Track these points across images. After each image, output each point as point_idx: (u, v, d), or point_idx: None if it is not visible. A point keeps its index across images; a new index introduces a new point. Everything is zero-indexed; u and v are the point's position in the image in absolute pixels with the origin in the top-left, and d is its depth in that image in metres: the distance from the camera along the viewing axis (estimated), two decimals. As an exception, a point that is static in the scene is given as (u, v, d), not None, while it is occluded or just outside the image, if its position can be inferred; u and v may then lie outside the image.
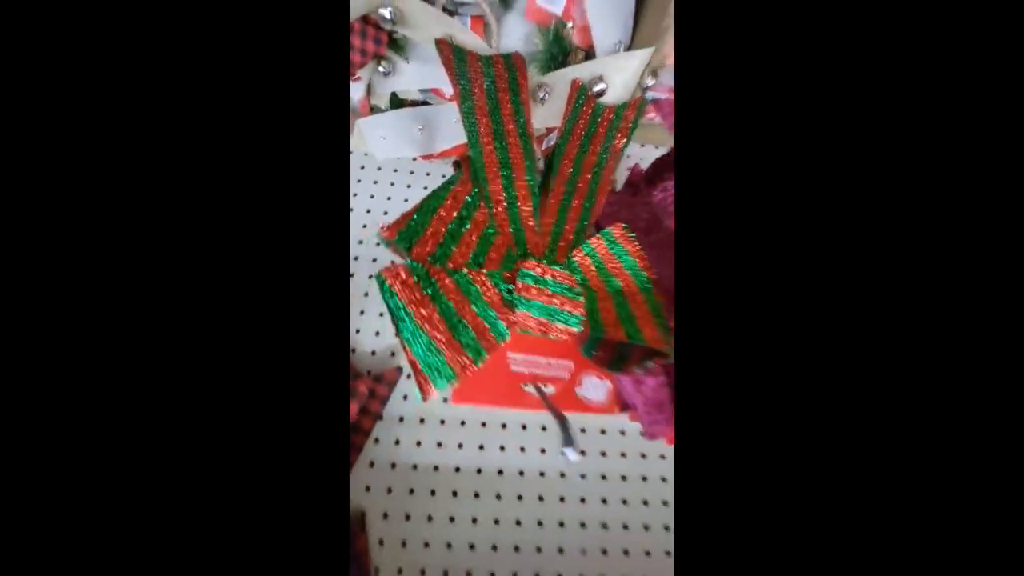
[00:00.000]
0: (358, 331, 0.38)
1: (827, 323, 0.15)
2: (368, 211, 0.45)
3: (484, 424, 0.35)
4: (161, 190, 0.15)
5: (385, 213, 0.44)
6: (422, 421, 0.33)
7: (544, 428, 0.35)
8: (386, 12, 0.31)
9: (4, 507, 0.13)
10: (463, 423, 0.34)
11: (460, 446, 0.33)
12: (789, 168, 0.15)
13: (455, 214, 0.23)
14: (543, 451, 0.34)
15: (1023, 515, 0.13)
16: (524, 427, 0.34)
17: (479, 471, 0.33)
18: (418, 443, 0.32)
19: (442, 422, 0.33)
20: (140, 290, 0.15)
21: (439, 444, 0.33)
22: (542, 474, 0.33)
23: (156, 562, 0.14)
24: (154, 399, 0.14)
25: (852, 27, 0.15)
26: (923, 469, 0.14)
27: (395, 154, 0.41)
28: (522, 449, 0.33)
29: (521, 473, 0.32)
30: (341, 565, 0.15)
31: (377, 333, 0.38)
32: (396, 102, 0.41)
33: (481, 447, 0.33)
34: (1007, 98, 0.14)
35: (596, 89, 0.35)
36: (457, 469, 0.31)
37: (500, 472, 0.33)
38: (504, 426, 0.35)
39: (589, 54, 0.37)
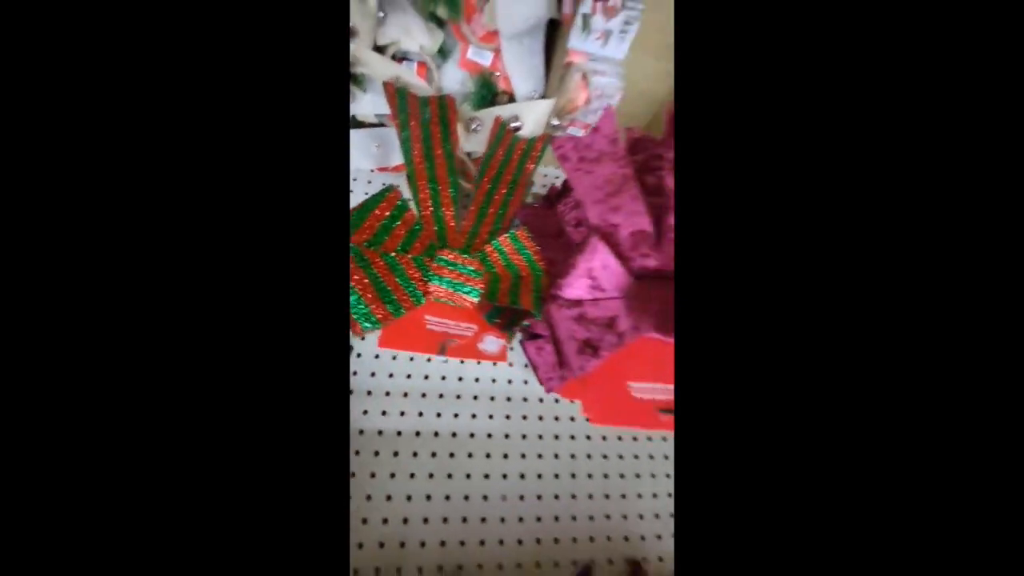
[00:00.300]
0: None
1: (818, 318, 0.15)
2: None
3: (441, 395, 0.42)
4: (160, 191, 0.15)
5: (344, 215, 0.52)
6: (387, 394, 0.40)
7: (476, 397, 0.43)
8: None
9: (4, 507, 0.13)
10: (423, 395, 0.41)
11: (420, 414, 0.40)
12: (786, 168, 0.16)
13: (388, 213, 0.31)
14: (473, 416, 0.42)
15: (1019, 514, 0.13)
16: (459, 396, 0.42)
17: (436, 434, 0.40)
18: (383, 412, 0.39)
19: (405, 395, 0.40)
20: (133, 275, 0.14)
21: (402, 413, 0.39)
22: (489, 435, 0.41)
23: (156, 562, 0.14)
24: (153, 396, 0.14)
25: (849, 28, 0.15)
26: (917, 464, 0.14)
27: (356, 165, 0.49)
28: (473, 415, 0.41)
29: (472, 435, 0.40)
30: (341, 564, 0.15)
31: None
32: (355, 123, 0.49)
33: (438, 414, 0.41)
34: (1002, 98, 0.14)
35: (513, 125, 0.45)
36: (417, 433, 0.38)
37: (453, 435, 0.41)
38: (441, 396, 0.43)
39: (512, 97, 0.48)
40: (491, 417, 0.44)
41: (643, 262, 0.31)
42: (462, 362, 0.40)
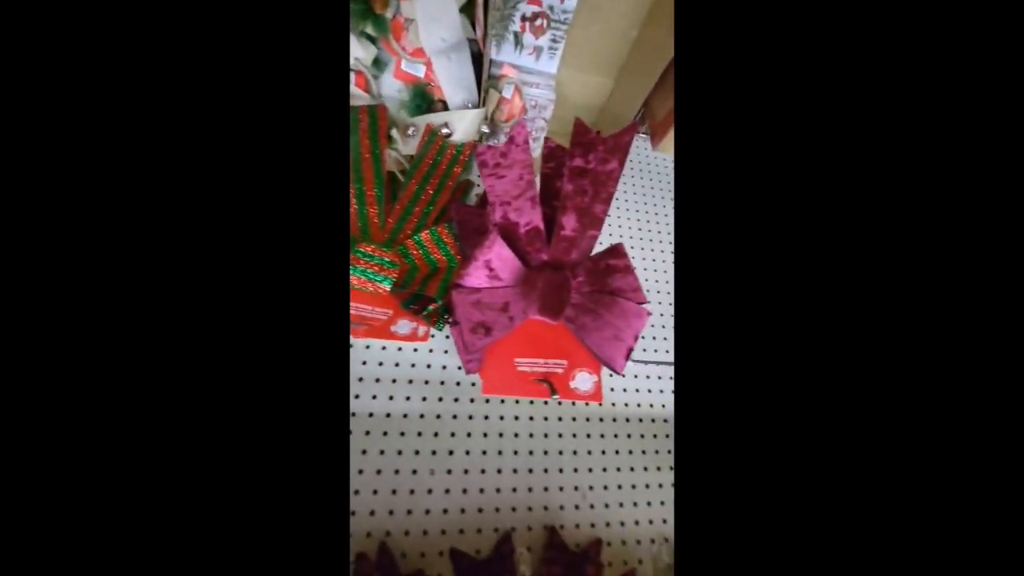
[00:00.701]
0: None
1: (807, 316, 0.15)
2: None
3: (362, 378, 0.46)
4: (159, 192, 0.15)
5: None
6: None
7: (427, 382, 0.47)
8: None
9: (4, 507, 0.13)
10: (360, 379, 0.44)
11: (356, 396, 0.44)
12: (782, 168, 0.16)
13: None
14: (407, 398, 0.46)
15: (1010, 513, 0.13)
16: (410, 381, 0.46)
17: (370, 415, 0.44)
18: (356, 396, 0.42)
19: (377, 380, 0.43)
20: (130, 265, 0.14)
21: (374, 397, 0.43)
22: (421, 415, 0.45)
23: (157, 560, 0.14)
24: (152, 392, 0.14)
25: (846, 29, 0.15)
26: (913, 461, 0.14)
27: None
28: (407, 398, 0.45)
29: (405, 415, 0.44)
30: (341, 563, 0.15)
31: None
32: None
33: (374, 396, 0.45)
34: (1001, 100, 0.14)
35: (444, 132, 0.49)
36: (352, 414, 0.42)
37: (387, 415, 0.45)
38: (376, 380, 0.47)
39: (447, 105, 0.52)
40: (424, 399, 0.48)
41: (536, 255, 0.36)
42: (384, 348, 0.43)
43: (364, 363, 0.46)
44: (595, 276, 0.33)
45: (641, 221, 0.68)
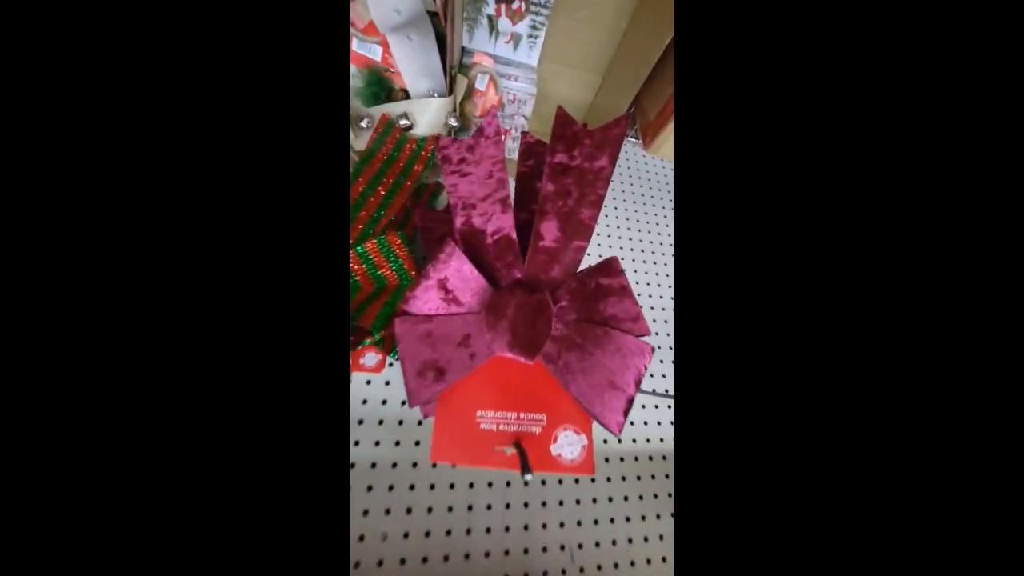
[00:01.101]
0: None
1: (809, 326, 0.15)
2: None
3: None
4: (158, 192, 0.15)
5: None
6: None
7: (380, 422, 0.38)
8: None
9: (4, 507, 0.13)
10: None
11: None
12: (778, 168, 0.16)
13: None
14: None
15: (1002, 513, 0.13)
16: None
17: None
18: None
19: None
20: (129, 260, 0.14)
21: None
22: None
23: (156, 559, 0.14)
24: (152, 387, 0.14)
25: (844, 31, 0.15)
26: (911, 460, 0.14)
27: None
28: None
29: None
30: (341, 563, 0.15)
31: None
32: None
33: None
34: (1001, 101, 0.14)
35: (402, 123, 0.42)
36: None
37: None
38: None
39: (408, 95, 0.44)
40: (376, 444, 0.39)
41: (508, 272, 0.28)
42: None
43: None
44: (583, 300, 0.25)
45: (632, 231, 0.61)
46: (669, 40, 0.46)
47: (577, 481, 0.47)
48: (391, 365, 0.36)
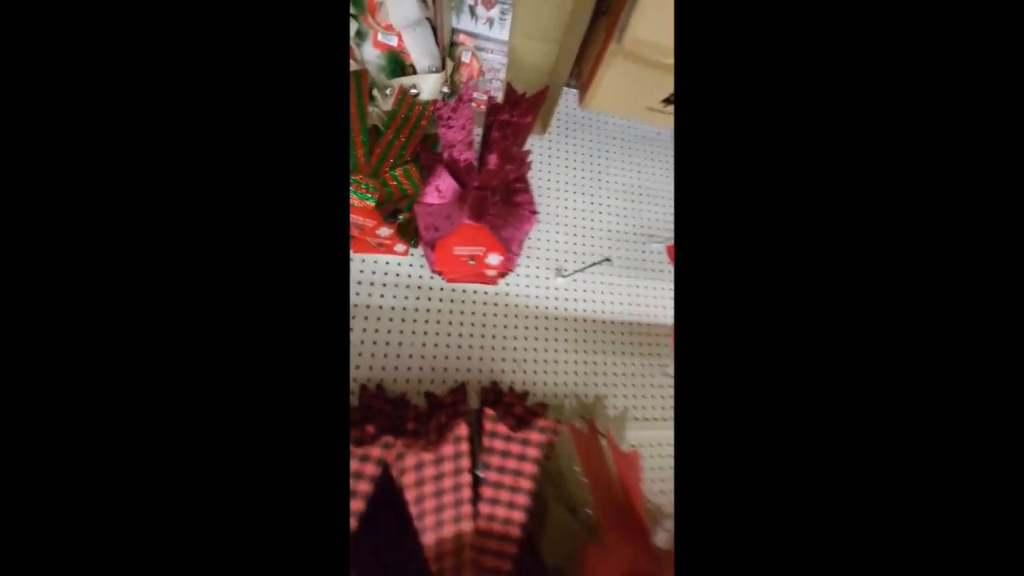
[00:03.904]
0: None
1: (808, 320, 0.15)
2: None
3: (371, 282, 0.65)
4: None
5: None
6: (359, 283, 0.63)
7: (407, 286, 0.66)
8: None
9: (5, 507, 0.13)
10: (371, 283, 0.65)
11: (356, 293, 0.63)
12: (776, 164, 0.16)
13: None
14: (394, 296, 0.65)
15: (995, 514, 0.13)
16: (396, 284, 0.65)
17: (380, 307, 0.63)
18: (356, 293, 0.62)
19: (371, 283, 0.63)
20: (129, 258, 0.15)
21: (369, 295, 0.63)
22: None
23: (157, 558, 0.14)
24: (152, 383, 0.15)
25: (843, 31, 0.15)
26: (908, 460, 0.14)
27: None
28: (405, 297, 0.64)
29: (392, 308, 0.63)
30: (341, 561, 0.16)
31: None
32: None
33: (381, 295, 0.64)
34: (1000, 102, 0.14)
35: (412, 91, 0.64)
36: (367, 307, 0.61)
37: (392, 308, 0.64)
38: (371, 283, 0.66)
39: (415, 70, 0.66)
40: (406, 298, 0.67)
41: (471, 181, 0.52)
42: (375, 261, 0.62)
43: (361, 272, 0.65)
44: (505, 194, 0.50)
45: (572, 169, 0.84)
46: (592, 7, 0.64)
47: (527, 327, 0.75)
48: (412, 254, 0.63)
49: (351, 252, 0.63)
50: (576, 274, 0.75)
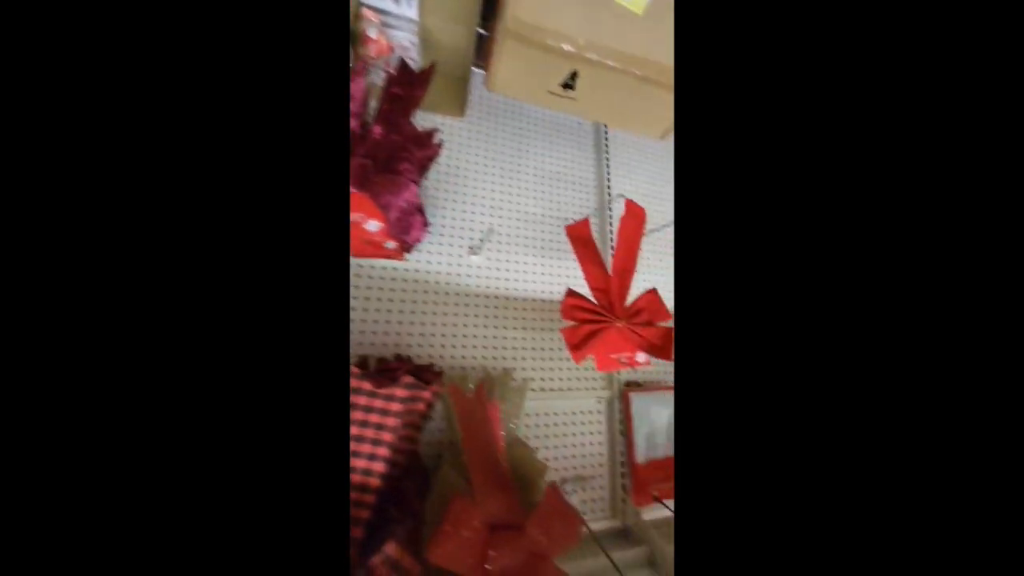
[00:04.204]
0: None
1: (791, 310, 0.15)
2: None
3: None
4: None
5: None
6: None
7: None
8: None
9: (5, 507, 0.12)
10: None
11: None
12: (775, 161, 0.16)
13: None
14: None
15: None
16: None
17: None
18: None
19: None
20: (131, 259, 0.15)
21: None
22: None
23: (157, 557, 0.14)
24: (152, 381, 0.15)
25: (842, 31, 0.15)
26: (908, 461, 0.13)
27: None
28: None
29: None
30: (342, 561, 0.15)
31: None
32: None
33: None
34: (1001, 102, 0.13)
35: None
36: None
37: None
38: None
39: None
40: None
41: (359, 149, 0.53)
42: None
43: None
44: (388, 163, 0.51)
45: (491, 152, 0.87)
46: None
47: (445, 304, 0.77)
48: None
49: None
50: (486, 251, 0.78)
